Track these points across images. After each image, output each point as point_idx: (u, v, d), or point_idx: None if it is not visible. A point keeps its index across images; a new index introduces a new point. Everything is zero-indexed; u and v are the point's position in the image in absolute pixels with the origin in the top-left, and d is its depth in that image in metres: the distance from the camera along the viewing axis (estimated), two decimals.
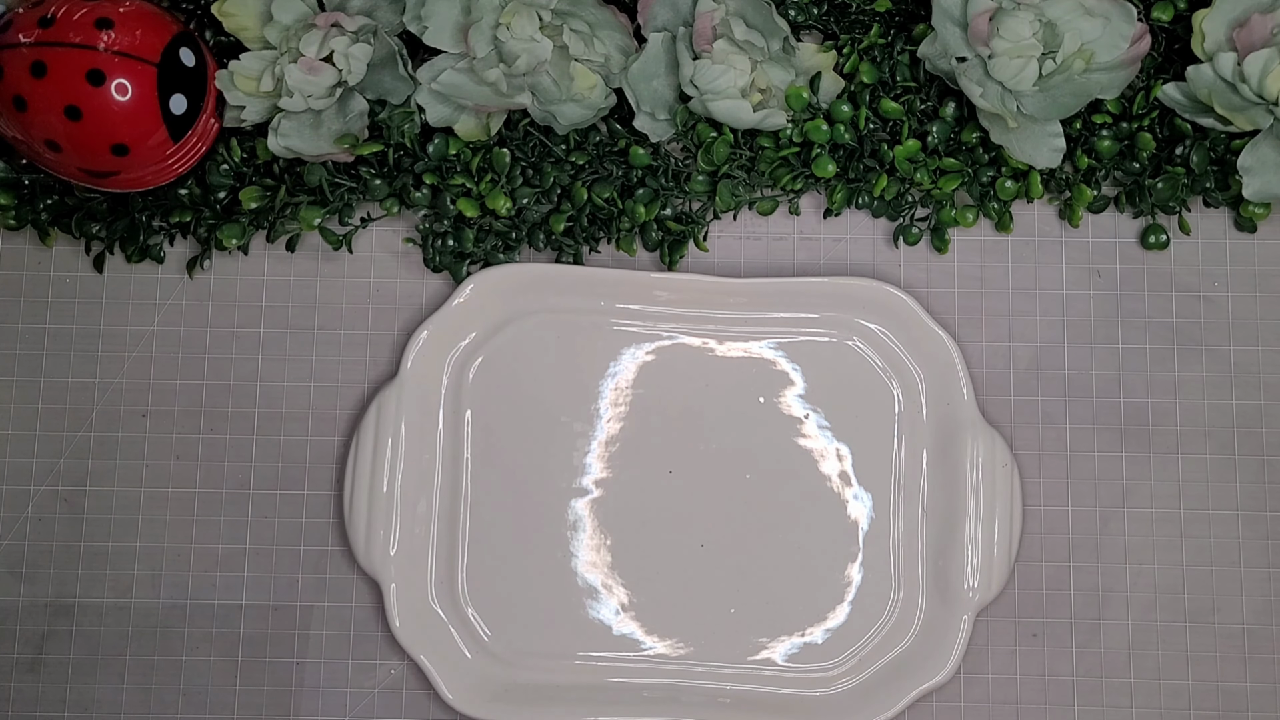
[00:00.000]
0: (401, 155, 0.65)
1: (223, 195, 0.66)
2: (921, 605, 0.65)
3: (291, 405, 0.67)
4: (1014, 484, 0.65)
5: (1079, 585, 0.66)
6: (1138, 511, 0.66)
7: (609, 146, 0.66)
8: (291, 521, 0.67)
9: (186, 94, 0.62)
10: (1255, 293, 0.67)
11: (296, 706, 0.65)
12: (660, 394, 0.67)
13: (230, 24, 0.64)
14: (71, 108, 0.60)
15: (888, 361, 0.66)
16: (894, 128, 0.66)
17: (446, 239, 0.66)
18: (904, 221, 0.67)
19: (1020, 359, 0.67)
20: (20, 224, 0.67)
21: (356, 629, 0.66)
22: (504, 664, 0.65)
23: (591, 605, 0.65)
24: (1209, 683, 0.65)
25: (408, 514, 0.65)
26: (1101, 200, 0.67)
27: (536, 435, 0.66)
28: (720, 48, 0.63)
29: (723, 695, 0.64)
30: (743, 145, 0.65)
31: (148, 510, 0.67)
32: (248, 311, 0.68)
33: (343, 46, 0.63)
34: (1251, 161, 0.64)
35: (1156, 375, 0.67)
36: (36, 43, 0.60)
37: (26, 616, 0.66)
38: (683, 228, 0.66)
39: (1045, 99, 0.63)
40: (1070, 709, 0.65)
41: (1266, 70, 0.61)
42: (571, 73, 0.64)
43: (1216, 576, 0.66)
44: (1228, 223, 0.68)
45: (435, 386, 0.66)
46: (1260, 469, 0.66)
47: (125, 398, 0.68)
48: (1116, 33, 0.63)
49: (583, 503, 0.66)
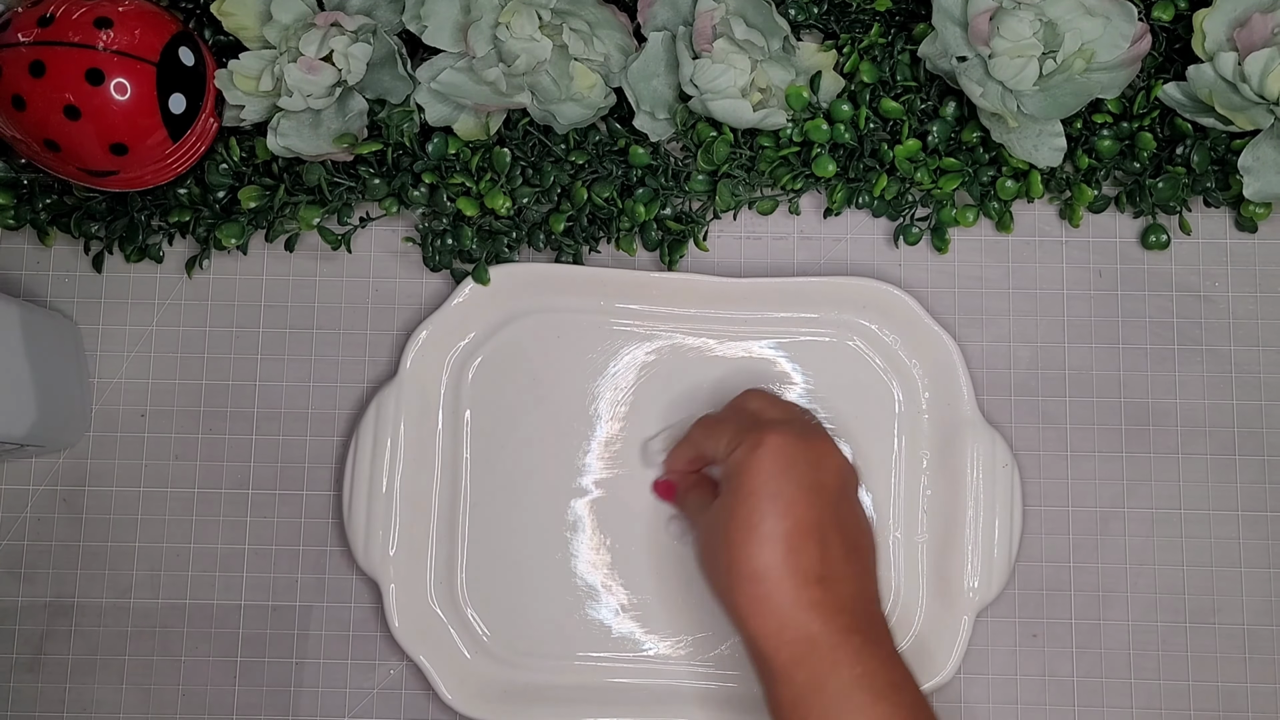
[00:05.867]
0: (401, 155, 0.65)
1: (222, 195, 0.66)
2: (922, 605, 0.64)
3: (291, 405, 0.67)
4: (1014, 484, 0.65)
5: (1079, 585, 0.66)
6: (1138, 512, 0.66)
7: (609, 146, 0.66)
8: (291, 521, 0.67)
9: (186, 93, 0.62)
10: (1256, 293, 0.67)
11: (295, 707, 0.65)
12: (660, 394, 0.66)
13: (230, 23, 0.64)
14: (70, 107, 0.60)
15: (888, 361, 0.66)
16: (894, 127, 0.66)
17: (445, 238, 0.66)
18: (904, 221, 0.67)
19: (1021, 359, 0.67)
20: (19, 224, 0.67)
21: (355, 629, 0.66)
22: (503, 664, 0.65)
23: (591, 605, 0.65)
24: (1209, 683, 0.65)
25: (407, 514, 0.65)
26: (1102, 200, 0.67)
27: (536, 435, 0.66)
28: (720, 47, 0.63)
29: (723, 696, 0.64)
30: (743, 145, 0.65)
31: (147, 510, 0.67)
32: (247, 311, 0.68)
33: (342, 46, 0.62)
34: (1252, 161, 0.64)
35: (1157, 375, 0.67)
36: (35, 42, 0.60)
37: (25, 616, 0.66)
38: (683, 227, 0.66)
39: (1046, 99, 0.63)
40: (1071, 709, 0.65)
41: (1267, 70, 0.61)
42: (571, 72, 0.64)
43: (1217, 577, 0.65)
44: (1228, 223, 0.68)
45: (434, 386, 0.66)
46: (1261, 469, 0.66)
47: (124, 397, 0.68)
48: (1117, 32, 0.63)
49: (583, 503, 0.66)
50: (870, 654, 0.54)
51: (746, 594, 0.55)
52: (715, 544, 0.57)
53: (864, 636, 0.54)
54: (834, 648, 0.54)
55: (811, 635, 0.54)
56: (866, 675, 0.53)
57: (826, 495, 0.57)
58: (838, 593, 0.55)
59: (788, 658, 0.54)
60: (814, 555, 0.55)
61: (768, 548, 0.55)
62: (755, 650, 0.55)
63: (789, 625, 0.54)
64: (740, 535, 0.56)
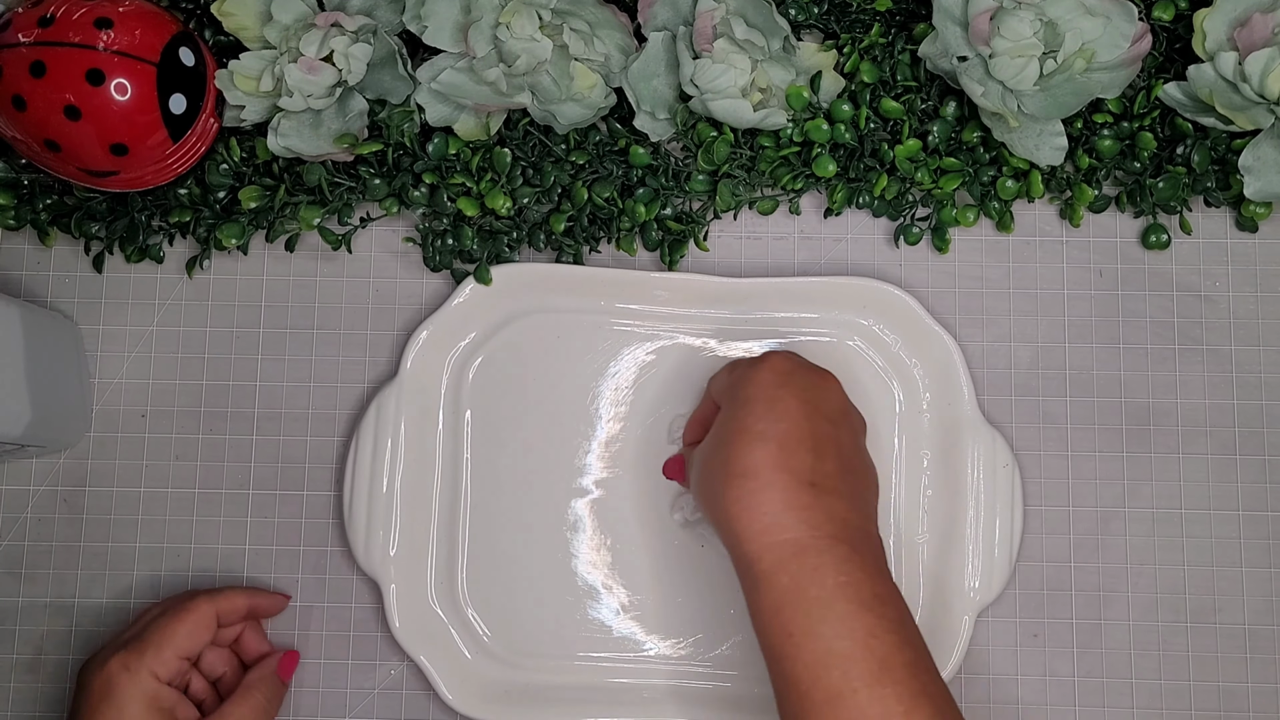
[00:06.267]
0: (401, 155, 0.65)
1: (222, 195, 0.66)
2: (922, 605, 0.64)
3: (291, 405, 0.67)
4: (1015, 484, 0.65)
5: (1080, 585, 0.66)
6: (1139, 511, 0.66)
7: (609, 146, 0.66)
8: (291, 522, 0.67)
9: (186, 94, 0.62)
10: (1256, 292, 0.67)
11: (296, 707, 0.65)
12: (660, 394, 0.66)
13: (230, 24, 0.64)
14: (71, 107, 0.60)
15: (888, 361, 0.66)
16: (895, 127, 0.66)
17: (446, 238, 0.66)
18: (905, 221, 0.67)
19: (1021, 359, 0.67)
20: (20, 224, 0.67)
21: (356, 629, 0.66)
22: (504, 664, 0.65)
23: (592, 606, 0.65)
24: (1210, 683, 0.65)
25: (407, 514, 0.65)
26: (1102, 200, 0.67)
27: (536, 435, 0.66)
28: (720, 47, 0.63)
29: (723, 695, 0.64)
30: (743, 145, 0.65)
31: (147, 511, 0.67)
32: (247, 311, 0.68)
33: (342, 46, 0.62)
34: (1252, 161, 0.64)
35: (1157, 375, 0.67)
36: (36, 42, 0.60)
37: (25, 616, 0.66)
38: (683, 227, 0.66)
39: (1046, 98, 0.63)
40: (1071, 709, 0.65)
41: (1267, 70, 0.61)
42: (571, 72, 0.64)
43: (1218, 576, 0.65)
44: (1229, 222, 0.68)
45: (435, 386, 0.66)
46: (1261, 469, 0.66)
47: (125, 397, 0.68)
48: (1117, 32, 0.63)
49: (583, 503, 0.66)
50: (857, 565, 0.53)
51: (735, 492, 0.54)
52: (710, 454, 0.56)
53: (851, 547, 0.53)
54: (819, 553, 0.53)
55: (797, 539, 0.53)
56: (851, 585, 0.52)
57: (824, 412, 0.56)
58: (828, 504, 0.54)
59: (772, 562, 0.53)
60: (806, 460, 0.54)
61: (759, 446, 0.55)
62: (740, 554, 0.54)
63: (774, 526, 0.53)
64: (734, 436, 0.55)
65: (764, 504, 0.54)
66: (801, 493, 0.54)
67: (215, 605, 0.62)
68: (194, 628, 0.60)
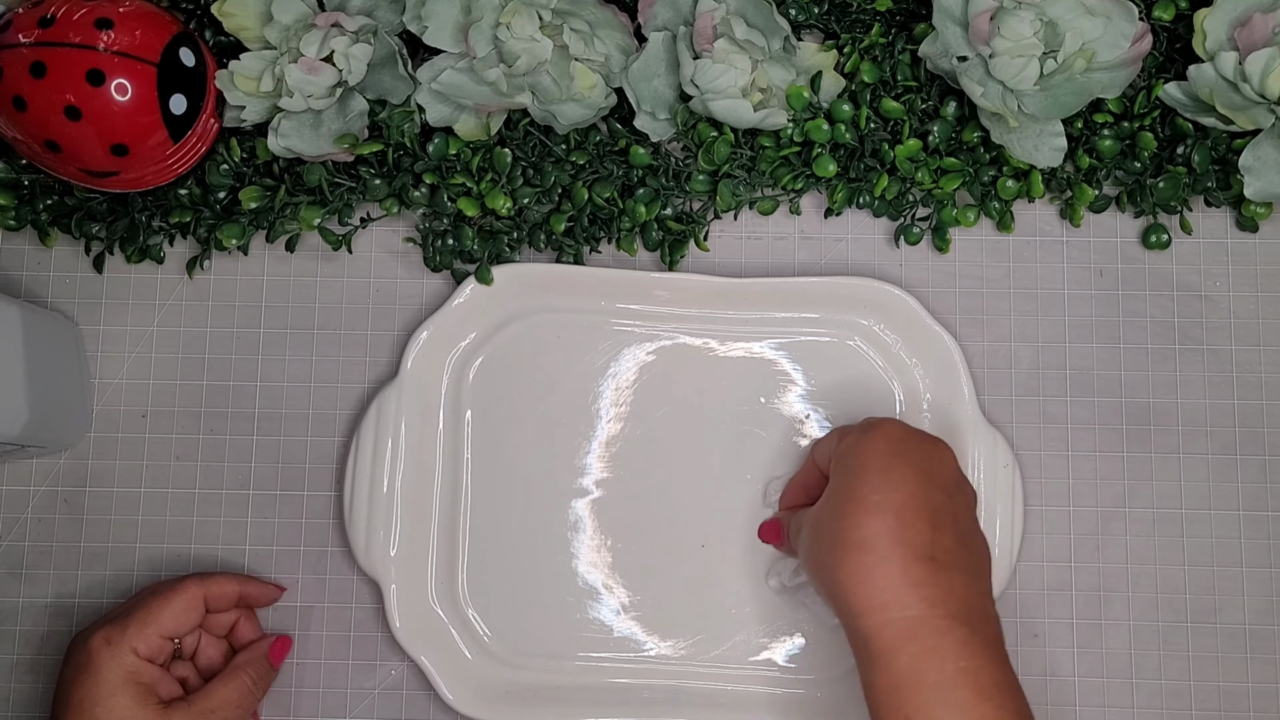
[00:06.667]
0: (401, 155, 0.65)
1: (222, 195, 0.66)
2: None
3: (291, 405, 0.67)
4: (1015, 484, 0.65)
5: (1080, 585, 0.66)
6: (1139, 511, 0.66)
7: (609, 146, 0.66)
8: (292, 522, 0.67)
9: (186, 94, 0.62)
10: (1257, 292, 0.67)
11: (296, 707, 0.65)
12: (660, 394, 0.66)
13: (230, 24, 0.64)
14: (71, 108, 0.60)
15: (889, 361, 0.66)
16: (895, 127, 0.66)
17: (446, 239, 0.66)
18: (905, 221, 0.67)
19: (1021, 359, 0.67)
20: (20, 224, 0.67)
21: (356, 630, 0.66)
22: (504, 665, 0.65)
23: (592, 606, 0.65)
24: (1210, 683, 0.65)
25: (408, 514, 0.65)
26: (1103, 200, 0.67)
27: (537, 435, 0.66)
28: (721, 47, 0.63)
29: (723, 696, 0.64)
30: (743, 145, 0.65)
31: (148, 511, 0.67)
32: (247, 311, 0.68)
33: (343, 46, 0.63)
34: (1253, 161, 0.64)
35: (1158, 375, 0.67)
36: (36, 43, 0.60)
37: (26, 617, 0.66)
38: (683, 227, 0.66)
39: (1046, 98, 0.63)
40: (1072, 709, 0.65)
41: (1268, 69, 0.61)
42: (572, 72, 0.64)
43: (1218, 576, 0.65)
44: (1229, 222, 0.68)
45: (435, 387, 0.66)
46: (1262, 469, 0.66)
47: (125, 398, 0.68)
48: (1118, 32, 0.63)
49: (583, 503, 0.66)
50: (978, 649, 0.51)
51: (851, 565, 0.52)
52: (822, 523, 0.55)
53: (971, 629, 0.52)
54: (939, 634, 0.51)
55: (916, 617, 0.51)
56: (971, 671, 0.51)
57: (939, 483, 0.55)
58: (947, 578, 0.52)
59: (889, 640, 0.51)
60: (924, 533, 0.53)
61: (876, 518, 0.53)
62: (855, 630, 0.53)
63: (892, 603, 0.51)
64: (849, 506, 0.53)
65: (881, 578, 0.52)
66: (919, 567, 0.52)
67: (205, 589, 0.62)
68: (181, 608, 0.60)
